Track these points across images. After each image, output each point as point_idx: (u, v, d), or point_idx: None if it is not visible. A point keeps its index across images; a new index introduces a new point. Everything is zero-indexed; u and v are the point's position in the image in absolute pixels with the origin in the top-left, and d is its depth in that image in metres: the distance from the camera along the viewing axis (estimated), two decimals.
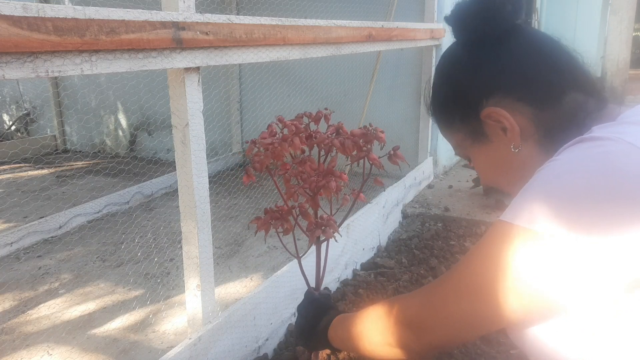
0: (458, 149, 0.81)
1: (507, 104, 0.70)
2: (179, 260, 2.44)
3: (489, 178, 0.80)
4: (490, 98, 0.71)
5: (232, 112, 4.33)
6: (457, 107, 0.76)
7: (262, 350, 1.65)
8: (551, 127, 0.70)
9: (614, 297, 0.55)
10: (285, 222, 0.93)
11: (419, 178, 3.27)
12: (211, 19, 1.28)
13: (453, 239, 2.53)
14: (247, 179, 0.94)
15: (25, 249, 2.65)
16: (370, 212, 2.39)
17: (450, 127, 0.79)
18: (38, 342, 1.82)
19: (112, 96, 4.79)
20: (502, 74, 0.71)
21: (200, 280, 1.41)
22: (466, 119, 0.75)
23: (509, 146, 0.72)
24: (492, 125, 0.72)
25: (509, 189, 0.78)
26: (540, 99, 0.69)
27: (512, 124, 0.69)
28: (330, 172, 0.92)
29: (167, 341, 1.82)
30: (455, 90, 0.76)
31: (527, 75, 0.70)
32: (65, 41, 0.95)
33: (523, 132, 0.70)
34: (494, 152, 0.75)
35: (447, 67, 0.78)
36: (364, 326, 0.81)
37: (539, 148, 0.71)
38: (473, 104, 0.73)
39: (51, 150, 5.03)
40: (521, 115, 0.70)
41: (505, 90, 0.70)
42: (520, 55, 0.71)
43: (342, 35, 1.95)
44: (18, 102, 5.40)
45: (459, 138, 0.79)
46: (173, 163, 1.46)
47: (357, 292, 1.99)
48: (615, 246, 0.52)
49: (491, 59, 0.72)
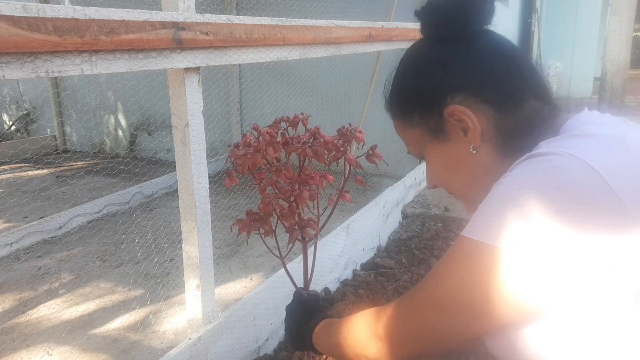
0: (412, 146, 0.80)
1: (470, 104, 0.70)
2: (179, 260, 2.44)
3: (440, 178, 0.79)
4: (455, 96, 0.70)
5: (232, 112, 4.33)
6: (419, 102, 0.75)
7: (262, 350, 1.65)
8: (510, 131, 0.70)
9: (584, 307, 0.57)
10: (265, 224, 0.93)
11: (419, 178, 3.27)
12: (211, 19, 1.28)
13: (453, 239, 2.53)
14: (229, 181, 0.95)
15: (25, 249, 2.65)
16: (370, 212, 2.39)
17: (408, 123, 0.78)
18: (38, 342, 1.82)
19: (112, 96, 4.80)
20: (470, 72, 0.70)
21: (200, 280, 1.41)
22: (427, 114, 0.74)
23: (467, 147, 0.72)
24: (453, 124, 0.71)
25: (458, 190, 0.79)
26: (504, 102, 0.70)
27: (474, 125, 0.69)
28: (305, 180, 0.93)
29: (167, 341, 1.82)
30: (420, 84, 0.74)
31: (494, 76, 0.70)
32: (65, 41, 0.95)
33: (483, 134, 0.70)
34: (450, 152, 0.74)
35: (414, 62, 0.77)
36: (345, 336, 0.82)
37: (495, 151, 0.71)
38: (437, 100, 0.72)
39: (51, 150, 5.03)
40: (483, 117, 0.70)
41: (470, 89, 0.70)
42: (489, 57, 0.71)
43: (342, 35, 1.95)
44: (18, 102, 5.40)
45: (415, 134, 0.77)
46: (173, 163, 1.46)
47: (357, 292, 1.99)
48: (574, 255, 0.54)
49: (460, 57, 0.71)
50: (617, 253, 0.54)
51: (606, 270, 0.54)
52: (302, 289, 1.05)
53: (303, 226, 0.94)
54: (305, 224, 0.94)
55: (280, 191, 0.92)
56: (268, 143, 0.94)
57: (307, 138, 0.96)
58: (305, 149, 0.93)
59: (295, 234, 0.93)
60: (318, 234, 0.97)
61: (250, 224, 0.93)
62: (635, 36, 9.04)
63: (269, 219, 0.94)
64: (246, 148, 0.94)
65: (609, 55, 5.27)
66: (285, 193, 0.92)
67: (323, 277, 1.99)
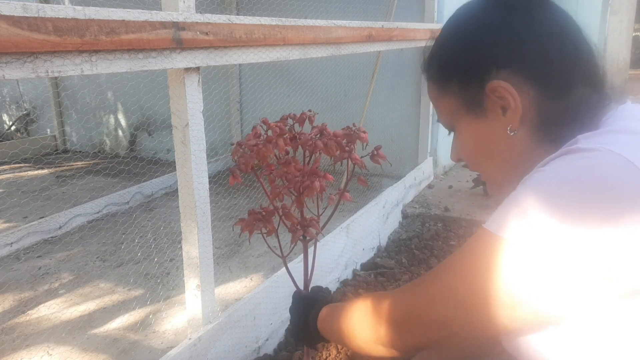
0: (443, 115, 0.73)
1: (516, 82, 0.63)
2: (179, 260, 2.44)
3: (468, 154, 0.73)
4: (501, 70, 0.64)
5: (232, 112, 4.34)
6: (461, 70, 0.68)
7: (262, 350, 1.65)
8: (552, 117, 0.65)
9: (609, 306, 0.54)
10: (268, 223, 0.93)
11: (419, 178, 3.27)
12: (211, 19, 1.28)
13: (453, 239, 2.53)
14: (232, 180, 0.95)
15: (25, 249, 2.65)
16: (370, 212, 2.39)
17: (444, 90, 0.71)
18: (38, 342, 1.82)
19: (112, 96, 4.80)
20: (523, 46, 0.63)
21: (200, 280, 1.41)
22: (466, 85, 0.67)
23: (504, 127, 0.66)
24: (493, 100, 0.65)
25: (485, 170, 0.74)
26: (553, 85, 0.64)
27: (517, 105, 0.63)
28: (315, 172, 0.93)
29: (167, 341, 1.82)
30: (466, 50, 0.67)
31: (548, 55, 0.63)
32: (65, 41, 0.95)
33: (523, 116, 0.64)
34: (485, 129, 0.68)
35: (464, 22, 0.69)
36: (352, 321, 0.77)
37: (532, 136, 0.66)
38: (481, 71, 0.65)
39: (51, 150, 5.03)
40: (527, 98, 0.64)
41: (520, 65, 0.63)
42: (548, 32, 0.64)
43: (342, 35, 1.95)
44: (18, 102, 5.40)
45: (449, 104, 0.71)
46: (173, 163, 1.46)
47: (357, 292, 1.99)
48: (605, 257, 0.51)
49: (517, 27, 0.64)
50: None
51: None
52: (301, 290, 1.05)
53: (306, 225, 0.94)
54: (307, 224, 0.94)
55: (289, 182, 0.92)
56: (279, 135, 0.94)
57: (315, 134, 0.96)
58: (315, 142, 0.92)
59: (298, 234, 0.93)
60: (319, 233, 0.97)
61: (253, 224, 0.93)
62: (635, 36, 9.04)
63: (272, 219, 0.94)
64: (257, 139, 0.94)
65: (609, 55, 5.27)
66: (295, 184, 0.91)
67: (323, 277, 1.99)
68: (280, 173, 0.94)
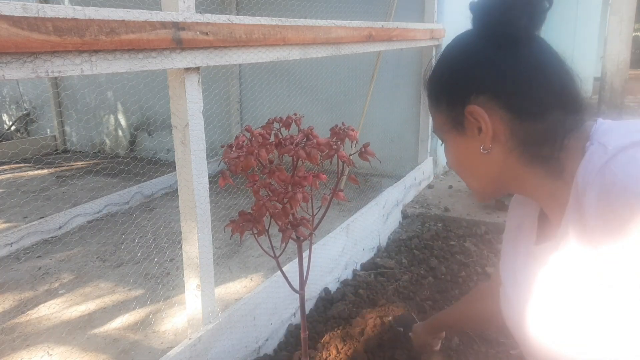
0: (436, 127, 0.84)
1: (491, 107, 0.72)
2: (179, 260, 2.44)
3: (453, 165, 0.84)
4: (479, 95, 0.73)
5: (232, 112, 4.34)
6: (448, 92, 0.78)
7: (262, 350, 1.65)
8: (527, 138, 0.72)
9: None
10: (258, 224, 0.94)
11: (419, 178, 3.27)
12: (211, 19, 1.28)
13: (453, 239, 2.53)
14: (222, 181, 0.96)
15: (25, 249, 2.65)
16: (370, 212, 2.39)
17: (436, 107, 0.81)
18: (38, 342, 1.82)
19: (112, 96, 4.80)
20: (499, 78, 0.72)
21: (200, 280, 1.41)
22: (452, 106, 0.77)
23: (479, 145, 0.75)
24: (470, 121, 0.74)
25: (466, 181, 0.84)
26: (525, 111, 0.72)
27: (487, 128, 0.73)
28: (298, 182, 0.93)
29: (167, 341, 1.83)
30: (452, 75, 0.77)
31: (521, 86, 0.71)
32: (65, 41, 0.95)
33: (496, 136, 0.73)
34: (465, 145, 0.78)
35: (455, 51, 0.79)
36: None
37: (508, 155, 0.74)
38: (463, 94, 0.75)
39: (51, 150, 5.03)
40: (500, 121, 0.72)
41: (495, 93, 0.72)
42: (524, 66, 0.72)
43: (342, 35, 1.95)
44: (18, 102, 5.40)
45: (440, 119, 0.81)
46: (173, 163, 1.46)
47: (357, 292, 1.99)
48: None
49: (496, 59, 0.73)
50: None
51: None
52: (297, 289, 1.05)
53: (296, 225, 0.94)
54: (298, 223, 0.94)
55: (273, 193, 0.93)
56: (260, 145, 0.94)
57: (301, 139, 0.96)
58: (298, 151, 0.93)
59: (288, 233, 0.93)
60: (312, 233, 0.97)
61: (243, 225, 0.93)
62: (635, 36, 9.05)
63: (262, 219, 0.94)
64: (238, 150, 0.94)
65: (609, 55, 5.27)
66: (278, 195, 0.92)
67: (323, 277, 1.99)
68: (264, 184, 0.94)
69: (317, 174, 0.96)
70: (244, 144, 0.95)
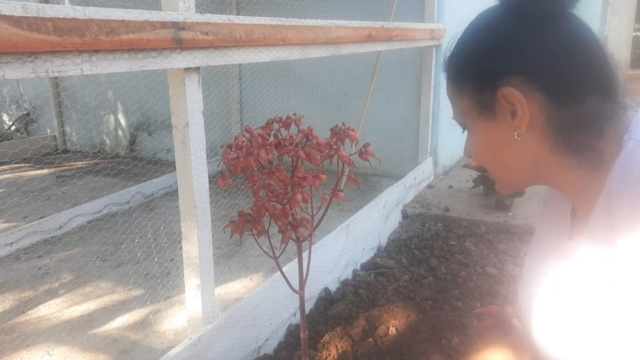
0: (458, 113, 0.77)
1: (526, 90, 0.66)
2: (179, 260, 2.44)
3: (478, 153, 0.77)
4: (513, 77, 0.67)
5: (232, 112, 4.34)
6: (475, 73, 0.71)
7: (262, 350, 1.65)
8: (563, 125, 0.67)
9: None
10: (258, 224, 0.93)
11: (419, 178, 3.27)
12: (211, 19, 1.28)
13: (453, 239, 2.53)
14: (222, 182, 0.96)
15: (25, 249, 2.65)
16: (370, 212, 2.39)
17: (459, 91, 0.74)
18: (38, 342, 1.82)
19: (112, 96, 4.80)
20: (536, 58, 0.66)
21: (200, 280, 1.41)
22: (479, 88, 0.71)
23: (513, 131, 0.69)
24: (503, 105, 0.68)
25: (494, 170, 0.77)
26: (563, 95, 0.66)
27: (524, 112, 0.66)
28: (298, 183, 0.93)
29: (167, 341, 1.82)
30: (482, 55, 0.70)
31: (559, 68, 0.66)
32: (65, 41, 0.95)
33: (532, 122, 0.67)
34: (495, 131, 0.71)
35: (484, 29, 0.72)
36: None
37: (543, 142, 0.69)
38: (494, 76, 0.68)
39: (51, 150, 5.03)
40: (536, 105, 0.67)
41: (531, 75, 0.66)
42: (561, 45, 0.66)
43: (342, 35, 1.95)
44: (18, 102, 5.40)
45: (464, 104, 0.74)
46: (173, 163, 1.46)
47: (357, 292, 1.99)
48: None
49: (531, 38, 0.66)
50: None
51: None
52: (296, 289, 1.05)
53: (296, 226, 0.94)
54: (297, 224, 0.94)
55: (273, 194, 0.92)
56: (260, 145, 0.94)
57: (300, 139, 0.96)
58: (297, 151, 0.93)
59: (288, 234, 0.93)
60: (312, 233, 0.97)
61: (243, 225, 0.93)
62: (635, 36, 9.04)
63: (262, 220, 0.94)
64: (238, 151, 0.94)
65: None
66: (278, 196, 0.92)
67: (323, 277, 1.99)
68: (263, 184, 0.94)
69: (316, 174, 0.96)
70: (243, 145, 0.95)
